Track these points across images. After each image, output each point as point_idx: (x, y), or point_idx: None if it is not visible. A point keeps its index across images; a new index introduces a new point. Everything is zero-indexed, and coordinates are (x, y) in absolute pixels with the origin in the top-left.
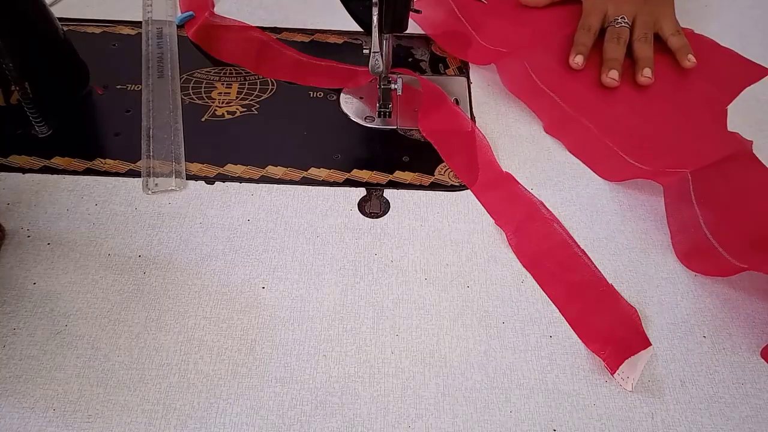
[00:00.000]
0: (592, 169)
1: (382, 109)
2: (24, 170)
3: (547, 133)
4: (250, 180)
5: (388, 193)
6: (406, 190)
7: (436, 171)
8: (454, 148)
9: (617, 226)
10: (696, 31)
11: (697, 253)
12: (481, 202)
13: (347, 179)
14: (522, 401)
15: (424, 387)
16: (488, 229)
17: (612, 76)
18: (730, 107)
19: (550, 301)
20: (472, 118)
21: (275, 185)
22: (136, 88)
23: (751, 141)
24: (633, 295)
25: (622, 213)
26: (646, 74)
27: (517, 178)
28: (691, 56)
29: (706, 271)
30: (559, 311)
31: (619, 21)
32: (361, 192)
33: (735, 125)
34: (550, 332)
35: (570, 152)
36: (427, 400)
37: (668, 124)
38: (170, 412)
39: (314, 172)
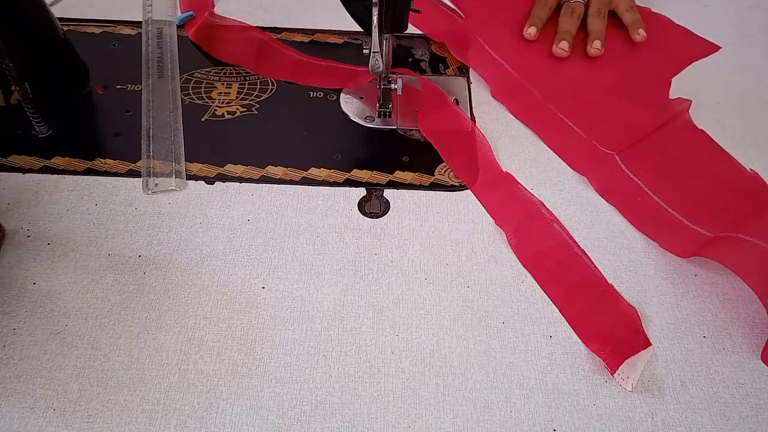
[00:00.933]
0: (536, 133)
1: (382, 109)
2: (24, 170)
3: (493, 97)
4: (250, 180)
5: (388, 193)
6: (406, 190)
7: (436, 171)
8: (454, 148)
9: (617, 226)
10: (695, 31)
11: (660, 226)
12: (481, 202)
13: (347, 179)
14: (522, 401)
15: (424, 387)
16: (488, 229)
17: (562, 47)
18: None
19: (550, 301)
20: (472, 118)
21: (275, 185)
22: (136, 88)
23: (690, 101)
24: (633, 295)
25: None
26: (595, 46)
27: (517, 178)
28: (641, 30)
29: (674, 247)
30: (559, 311)
31: None
32: (361, 192)
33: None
34: (550, 332)
35: (515, 117)
36: (427, 400)
37: (612, 93)
38: (170, 412)
39: (314, 172)
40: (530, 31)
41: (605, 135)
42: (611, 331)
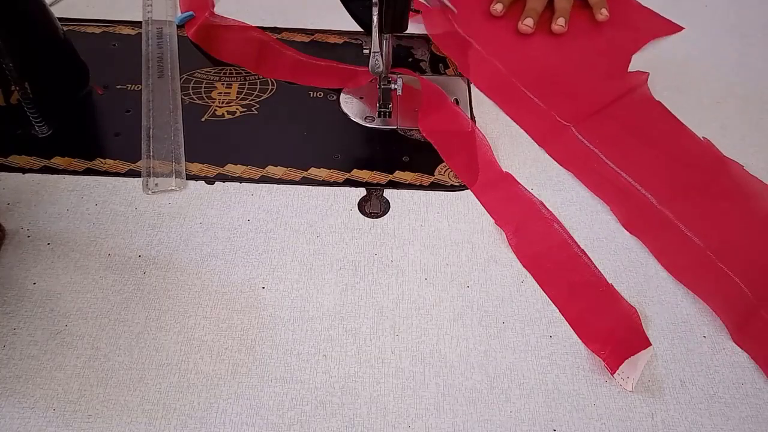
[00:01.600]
0: (499, 106)
1: (382, 109)
2: (24, 170)
3: (460, 71)
4: (250, 180)
5: (388, 193)
6: (406, 190)
7: (436, 171)
8: (454, 148)
9: (617, 226)
10: (695, 31)
11: (614, 191)
12: (481, 202)
13: (347, 179)
14: (522, 401)
15: (424, 387)
16: (488, 229)
17: (527, 23)
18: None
19: (550, 301)
20: (472, 118)
21: (275, 185)
22: (136, 88)
23: (647, 73)
24: (633, 295)
25: None
26: (559, 23)
27: (517, 178)
28: (604, 10)
29: (623, 213)
30: (559, 311)
31: None
32: (361, 192)
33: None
34: (550, 332)
35: (480, 90)
36: (427, 400)
37: (573, 68)
38: (170, 412)
39: (314, 172)
40: (496, 8)
41: (563, 107)
42: (611, 331)
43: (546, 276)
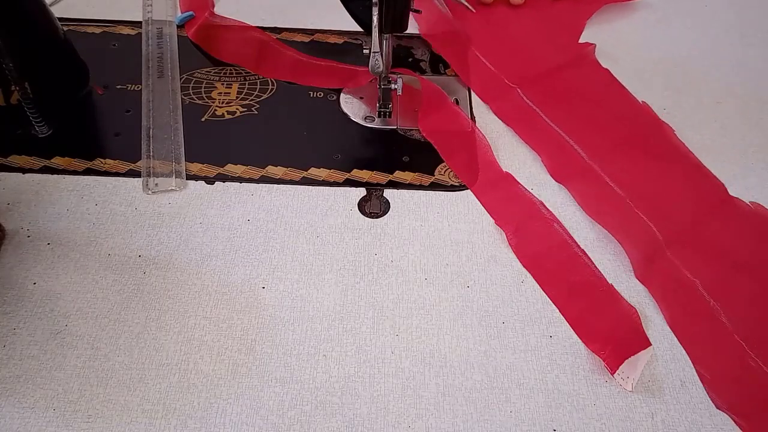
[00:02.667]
0: (456, 71)
1: (382, 109)
2: (24, 170)
3: (425, 37)
4: (250, 180)
5: (388, 193)
6: (406, 190)
7: (436, 171)
8: (454, 148)
9: None
10: (695, 31)
11: (548, 144)
12: (481, 202)
13: (347, 179)
14: (522, 401)
15: (424, 387)
16: (488, 229)
17: None
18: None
19: (550, 301)
20: (472, 118)
21: (275, 185)
22: (136, 88)
23: (594, 44)
24: (633, 295)
25: None
26: None
27: (517, 178)
28: None
29: (554, 165)
30: (559, 311)
31: None
32: (361, 192)
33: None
34: (550, 332)
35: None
36: (427, 400)
37: (527, 36)
38: (170, 412)
39: (314, 172)
40: None
41: (512, 71)
42: (611, 331)
43: (546, 276)
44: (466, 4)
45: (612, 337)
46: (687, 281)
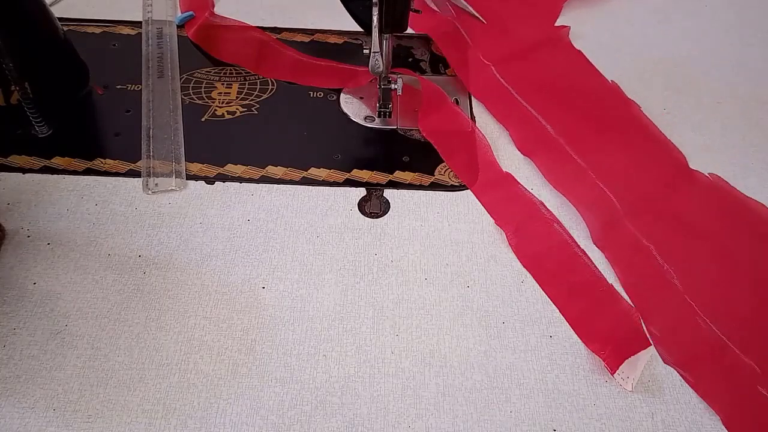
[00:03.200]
0: (441, 49)
1: (382, 109)
2: (24, 170)
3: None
4: (250, 180)
5: (388, 193)
6: (406, 190)
7: (436, 171)
8: (455, 148)
9: None
10: (695, 31)
11: (515, 118)
12: (481, 202)
13: (347, 179)
14: (522, 401)
15: (424, 387)
16: (488, 229)
17: None
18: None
19: (550, 301)
20: (472, 118)
21: (275, 185)
22: (136, 88)
23: (568, 27)
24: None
25: None
26: None
27: (517, 178)
28: None
29: (520, 138)
30: (559, 311)
31: None
32: (361, 192)
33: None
34: (550, 332)
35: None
36: (427, 400)
37: (507, 19)
38: (170, 412)
39: (314, 172)
40: None
41: (488, 49)
42: (611, 331)
43: (546, 276)
44: (477, 15)
45: (612, 337)
46: (642, 246)
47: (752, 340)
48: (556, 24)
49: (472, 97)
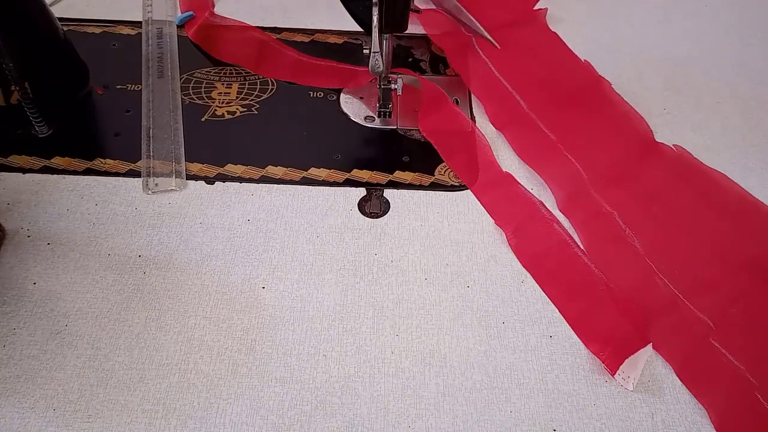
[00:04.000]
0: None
1: (382, 109)
2: (24, 170)
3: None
4: (250, 180)
5: (388, 193)
6: (406, 190)
7: (436, 171)
8: (455, 148)
9: None
10: (694, 31)
11: (491, 93)
12: (480, 202)
13: (347, 179)
14: (522, 401)
15: (424, 387)
16: (488, 229)
17: None
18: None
19: (550, 301)
20: (472, 118)
21: (275, 185)
22: (136, 88)
23: (546, 9)
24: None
25: None
26: None
27: (517, 179)
28: None
29: (494, 113)
30: (559, 311)
31: None
32: (361, 192)
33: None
34: (550, 332)
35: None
36: (427, 400)
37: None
38: (170, 412)
39: (314, 172)
40: None
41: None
42: (611, 331)
43: (546, 276)
44: (491, 39)
45: (612, 337)
46: (605, 212)
47: (706, 298)
48: (538, 8)
49: (472, 96)
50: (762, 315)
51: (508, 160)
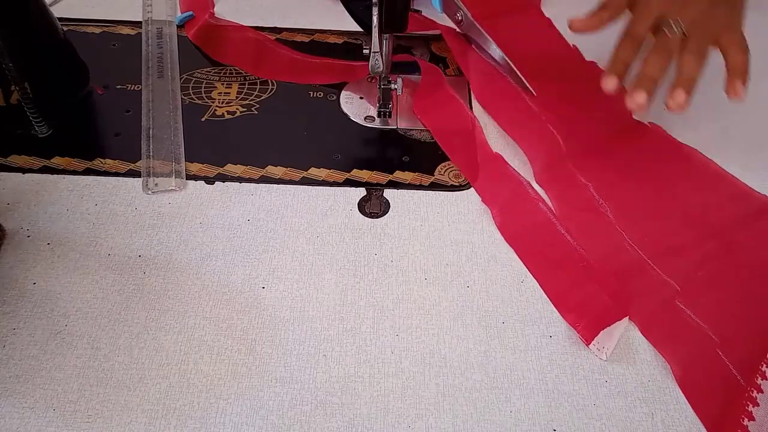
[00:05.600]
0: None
1: (382, 109)
2: (24, 170)
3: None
4: (250, 180)
5: (388, 193)
6: (406, 190)
7: (436, 171)
8: (451, 131)
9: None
10: None
11: (484, 76)
12: (468, 180)
13: (347, 179)
14: (522, 401)
15: (424, 387)
16: (488, 229)
17: (639, 100)
18: None
19: (549, 301)
20: (470, 105)
21: (275, 185)
22: (136, 88)
23: None
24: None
25: None
26: (677, 100)
27: (506, 159)
28: (741, 84)
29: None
30: (539, 284)
31: (674, 27)
32: (361, 192)
33: None
34: (550, 332)
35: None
36: (427, 400)
37: None
38: (170, 412)
39: (314, 172)
40: (610, 85)
41: (474, 8)
42: (588, 303)
43: (529, 251)
44: (528, 86)
45: (589, 309)
46: (580, 184)
47: (673, 262)
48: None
49: (472, 93)
50: (726, 279)
51: (507, 160)
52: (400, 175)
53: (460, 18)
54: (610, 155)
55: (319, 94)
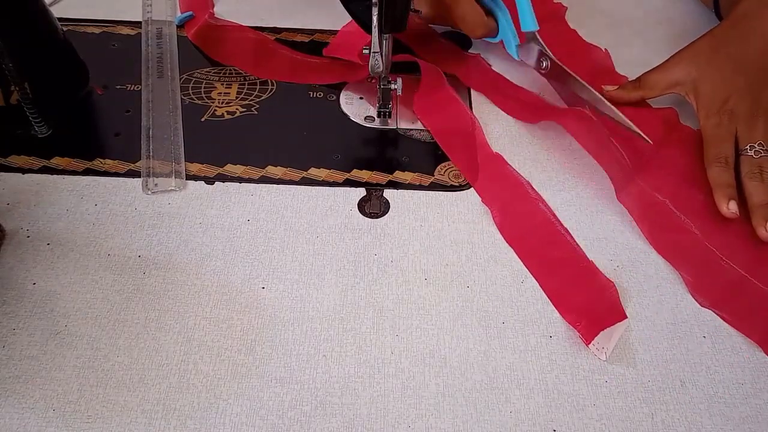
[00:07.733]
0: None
1: (382, 109)
2: (24, 170)
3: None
4: (250, 180)
5: (388, 193)
6: (406, 190)
7: (436, 171)
8: (448, 125)
9: (617, 226)
10: (695, 31)
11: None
12: (469, 181)
13: (347, 179)
14: (522, 401)
15: (424, 387)
16: (488, 229)
17: (732, 209)
18: None
19: (549, 301)
20: (470, 105)
21: (275, 185)
22: (136, 88)
23: (566, 7)
24: (633, 295)
25: (622, 213)
26: (731, 208)
27: (506, 159)
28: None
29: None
30: (540, 285)
31: (756, 148)
32: (361, 192)
33: None
34: (550, 332)
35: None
36: (427, 400)
37: None
38: (170, 412)
39: (314, 172)
40: (732, 209)
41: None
42: (588, 304)
43: (529, 251)
44: (642, 134)
45: (589, 309)
46: (658, 201)
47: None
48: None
49: (471, 92)
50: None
51: (508, 159)
52: (399, 175)
53: (544, 65)
54: (668, 163)
55: (319, 94)
